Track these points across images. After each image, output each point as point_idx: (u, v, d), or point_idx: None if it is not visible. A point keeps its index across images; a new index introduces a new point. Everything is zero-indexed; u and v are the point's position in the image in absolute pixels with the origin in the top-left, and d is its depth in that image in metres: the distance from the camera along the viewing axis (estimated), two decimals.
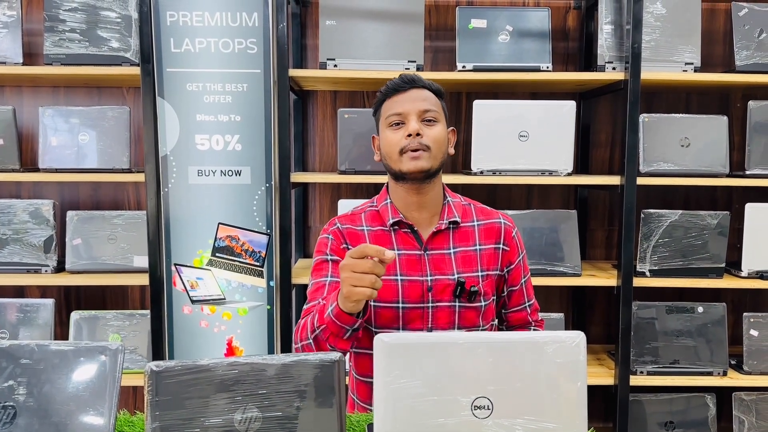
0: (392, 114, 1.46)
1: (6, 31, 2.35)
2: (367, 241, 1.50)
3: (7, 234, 2.41)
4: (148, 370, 1.04)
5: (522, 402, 1.07)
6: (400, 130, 1.44)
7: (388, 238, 1.50)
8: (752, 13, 2.43)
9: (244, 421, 1.07)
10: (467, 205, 1.57)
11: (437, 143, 1.45)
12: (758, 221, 2.44)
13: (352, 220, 1.54)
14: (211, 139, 2.26)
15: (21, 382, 1.08)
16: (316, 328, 1.34)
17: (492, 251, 1.53)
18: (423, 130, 1.43)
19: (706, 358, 2.48)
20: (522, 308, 1.60)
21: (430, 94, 1.48)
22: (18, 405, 1.07)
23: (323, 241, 1.53)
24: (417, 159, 1.42)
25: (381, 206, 1.53)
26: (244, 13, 2.22)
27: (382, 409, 1.07)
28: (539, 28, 2.39)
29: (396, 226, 1.50)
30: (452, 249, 1.51)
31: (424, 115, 1.45)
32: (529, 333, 1.45)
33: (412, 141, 1.42)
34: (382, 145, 1.50)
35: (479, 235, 1.53)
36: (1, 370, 1.08)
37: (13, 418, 1.06)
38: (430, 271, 1.48)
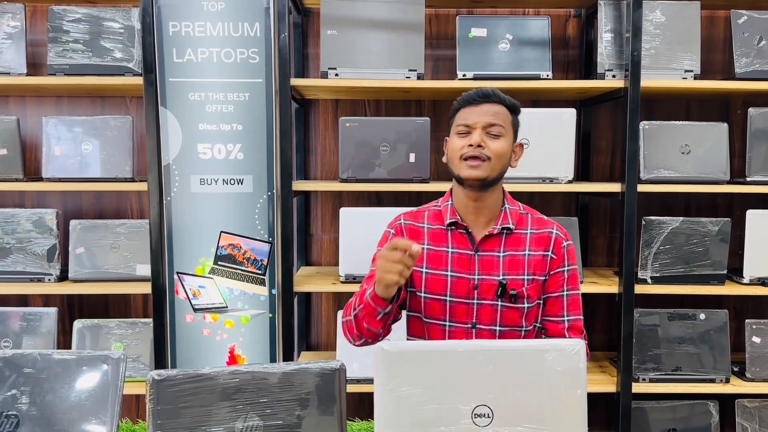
0: (461, 124, 1.58)
1: (10, 42, 2.37)
2: (425, 237, 1.65)
3: (11, 243, 2.42)
4: (150, 379, 1.05)
5: (522, 410, 1.08)
6: (465, 139, 1.57)
7: (445, 237, 1.64)
8: (751, 21, 2.44)
9: (246, 429, 1.08)
10: (525, 214, 1.68)
11: (497, 156, 1.55)
12: (759, 228, 2.44)
13: (416, 218, 1.69)
14: (213, 148, 2.27)
15: (24, 391, 1.09)
16: (356, 307, 1.54)
17: (540, 258, 1.62)
18: (486, 142, 1.55)
19: (708, 365, 2.47)
20: (559, 320, 1.63)
21: (502, 108, 1.58)
22: (21, 414, 1.07)
23: (386, 234, 1.71)
24: (475, 168, 1.54)
25: (443, 206, 1.67)
26: (245, 24, 2.23)
27: (383, 417, 1.07)
28: (539, 36, 2.40)
29: (452, 226, 1.63)
30: (502, 252, 1.61)
31: (490, 129, 1.56)
32: (529, 341, 1.46)
33: (473, 150, 1.54)
34: (448, 149, 1.63)
35: (530, 242, 1.63)
36: (4, 379, 1.09)
37: (16, 427, 1.07)
38: (478, 271, 1.60)
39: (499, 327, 1.58)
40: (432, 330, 1.61)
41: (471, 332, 1.59)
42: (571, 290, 1.65)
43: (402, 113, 2.78)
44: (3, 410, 1.07)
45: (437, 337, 1.61)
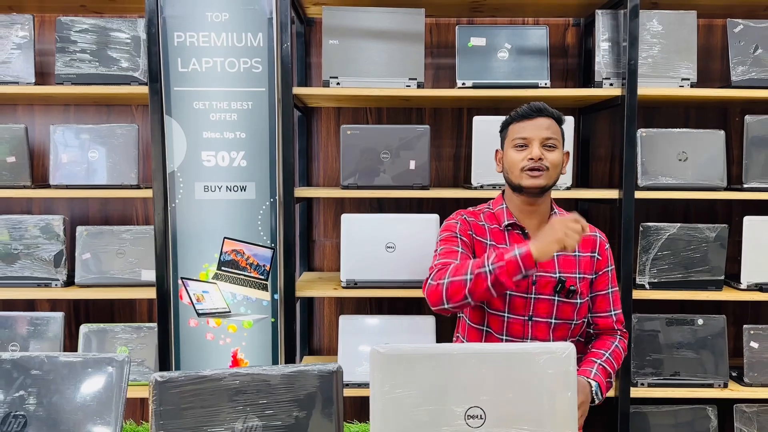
0: (518, 137, 1.73)
1: (19, 52, 2.42)
2: (487, 235, 1.79)
3: (19, 249, 2.46)
4: (153, 381, 1.08)
5: (514, 411, 1.10)
6: (523, 152, 1.72)
7: (503, 236, 1.79)
8: (747, 30, 2.46)
9: (246, 430, 1.11)
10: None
11: (554, 166, 1.73)
12: (756, 234, 2.45)
13: (475, 216, 1.83)
14: (217, 155, 2.31)
15: (31, 393, 1.12)
16: (488, 265, 1.56)
17: (588, 258, 1.80)
18: (544, 154, 1.70)
19: (706, 370, 2.49)
20: (608, 315, 1.84)
21: (552, 122, 1.75)
22: (28, 414, 1.11)
23: (452, 224, 1.81)
24: (536, 178, 1.70)
25: (497, 209, 1.82)
26: (249, 34, 2.27)
27: (378, 418, 1.10)
28: (538, 45, 2.44)
29: (509, 227, 1.79)
30: (556, 252, 1.67)
31: (546, 141, 1.72)
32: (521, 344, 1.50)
33: (534, 163, 1.69)
34: (506, 161, 1.77)
35: (579, 244, 1.69)
36: (12, 381, 1.12)
37: (23, 427, 1.10)
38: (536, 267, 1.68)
39: (554, 320, 1.74)
40: (492, 320, 1.75)
41: (527, 324, 1.74)
42: (614, 287, 1.85)
43: (403, 121, 2.82)
44: (11, 410, 1.11)
45: (496, 327, 1.75)
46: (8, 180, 2.44)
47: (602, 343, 1.83)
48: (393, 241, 2.39)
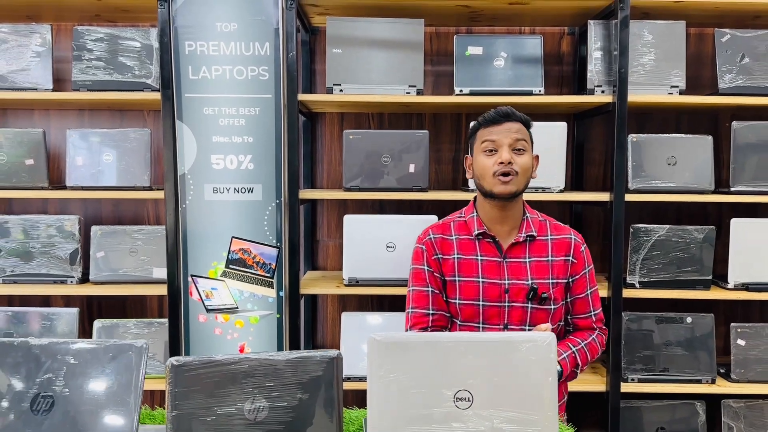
0: (487, 141, 1.72)
1: (38, 59, 2.52)
2: (455, 248, 1.78)
3: (36, 247, 2.57)
4: (169, 364, 1.19)
5: (499, 395, 1.20)
6: (493, 157, 1.71)
7: (473, 246, 1.78)
8: (734, 39, 2.55)
9: (253, 410, 1.21)
10: (543, 221, 1.83)
11: (524, 170, 1.72)
12: (743, 236, 2.54)
13: (443, 230, 1.82)
14: (226, 158, 2.41)
15: (58, 375, 1.22)
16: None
17: (562, 263, 1.79)
18: (513, 158, 1.69)
19: (695, 366, 2.58)
20: (588, 316, 1.85)
21: (520, 125, 1.74)
22: (55, 395, 1.21)
23: (419, 251, 1.82)
24: (507, 183, 1.69)
25: (468, 218, 1.81)
26: (256, 43, 2.38)
27: (375, 399, 1.20)
28: (532, 54, 2.53)
29: (480, 236, 1.77)
30: (528, 258, 1.76)
31: (515, 145, 1.71)
32: (506, 333, 1.60)
33: (504, 167, 1.68)
34: (476, 167, 1.76)
35: (552, 248, 1.78)
36: (40, 365, 1.23)
37: (51, 407, 1.20)
38: (507, 276, 1.75)
39: (529, 327, 1.74)
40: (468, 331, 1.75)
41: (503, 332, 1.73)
42: (592, 288, 1.85)
43: (404, 125, 2.92)
44: (40, 391, 1.21)
45: None
46: (27, 181, 2.54)
47: (581, 333, 1.86)
48: (393, 241, 2.48)
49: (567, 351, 1.77)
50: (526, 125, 1.76)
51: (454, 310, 1.77)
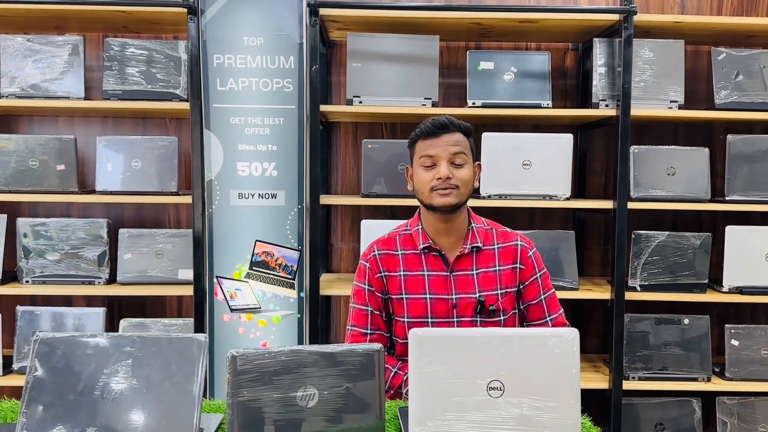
0: (425, 155, 1.66)
1: (70, 69, 2.63)
2: (401, 264, 1.74)
3: (65, 249, 2.66)
4: (229, 355, 1.30)
5: (528, 384, 1.32)
6: (432, 171, 1.65)
7: (419, 261, 1.72)
8: (729, 57, 2.70)
9: (304, 397, 1.32)
10: (489, 229, 1.78)
11: (464, 183, 1.66)
12: (737, 242, 2.68)
13: (388, 245, 1.77)
14: (251, 166, 2.53)
15: (126, 365, 1.33)
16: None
17: (510, 271, 1.74)
18: (452, 172, 1.64)
19: (691, 365, 2.71)
20: (543, 322, 1.77)
21: (460, 136, 1.67)
22: (124, 385, 1.31)
23: (362, 268, 1.77)
24: (446, 196, 1.64)
25: (413, 231, 1.76)
26: (281, 57, 2.49)
27: (416, 389, 1.31)
28: (540, 69, 2.67)
29: (426, 250, 1.72)
30: (475, 270, 1.72)
31: (454, 159, 1.65)
32: (534, 330, 1.68)
33: (442, 182, 1.64)
34: (416, 181, 1.71)
35: (499, 257, 1.74)
36: (110, 356, 1.33)
37: (121, 397, 1.31)
38: (455, 291, 1.70)
39: None
40: None
41: None
42: (547, 292, 1.78)
43: None
44: (110, 380, 1.31)
45: None
46: (57, 186, 2.64)
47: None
48: None
49: None
50: (466, 134, 1.69)
51: (402, 329, 1.71)
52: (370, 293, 1.75)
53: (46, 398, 1.30)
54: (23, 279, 2.66)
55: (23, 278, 2.66)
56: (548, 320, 1.78)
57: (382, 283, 1.75)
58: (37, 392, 1.31)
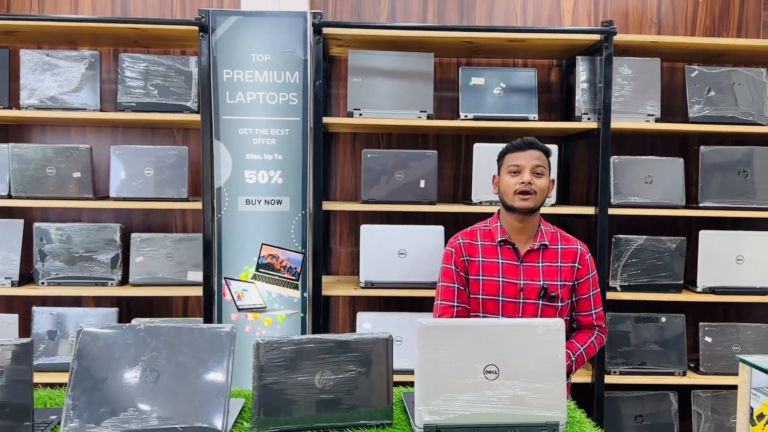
0: (513, 165, 2.03)
1: (87, 83, 2.77)
2: (480, 252, 2.07)
3: (80, 252, 2.79)
4: (255, 343, 1.45)
5: (520, 368, 1.48)
6: (516, 177, 2.01)
7: (495, 251, 2.07)
8: (702, 75, 2.90)
9: (322, 380, 1.48)
10: (555, 232, 2.11)
11: (541, 190, 2.02)
12: (710, 245, 2.87)
13: (470, 236, 2.12)
14: (258, 174, 2.68)
15: (162, 353, 1.47)
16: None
17: (569, 268, 2.07)
18: (533, 180, 1.99)
19: (668, 360, 2.89)
20: (588, 314, 2.12)
21: (541, 154, 2.04)
22: (160, 369, 1.46)
23: (448, 253, 2.11)
24: (526, 200, 1.99)
25: (492, 227, 2.11)
26: (287, 72, 2.66)
27: (421, 372, 1.47)
28: (527, 85, 2.85)
29: (502, 243, 2.06)
30: (540, 263, 2.04)
31: (535, 169, 2.00)
32: (525, 320, 1.88)
33: (524, 186, 1.98)
34: (501, 185, 2.06)
35: (561, 255, 2.07)
36: (146, 344, 1.48)
37: (157, 379, 1.45)
38: (523, 277, 2.03)
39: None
40: None
41: None
42: (594, 290, 2.12)
43: (410, 145, 3.21)
44: (147, 366, 1.45)
45: None
46: (74, 192, 2.77)
47: (581, 336, 2.11)
48: (405, 249, 2.77)
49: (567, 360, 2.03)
50: (546, 154, 2.06)
51: (477, 304, 2.04)
52: (456, 273, 2.08)
53: (90, 383, 1.44)
54: (39, 281, 2.79)
55: (39, 280, 2.79)
56: (593, 313, 2.13)
57: (464, 265, 2.08)
58: (81, 378, 1.45)
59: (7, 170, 2.77)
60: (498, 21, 3.21)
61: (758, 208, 2.87)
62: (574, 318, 2.15)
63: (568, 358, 2.05)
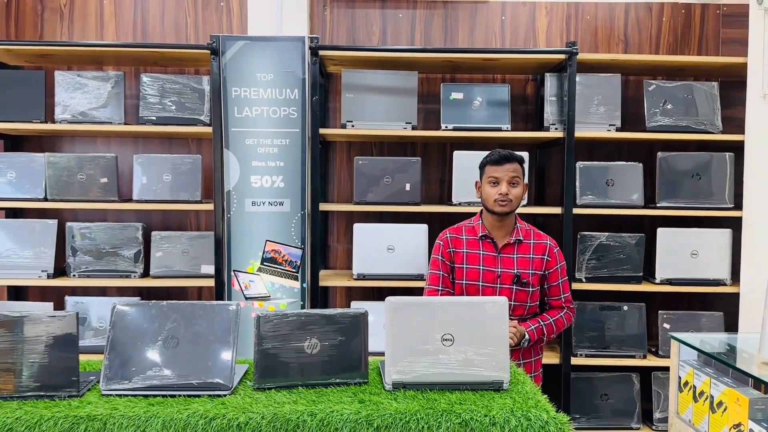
0: (492, 176, 2.33)
1: (112, 99, 3.11)
2: (464, 244, 2.38)
3: (106, 248, 3.14)
4: (255, 316, 1.77)
5: (471, 336, 1.79)
6: (495, 188, 2.32)
7: (477, 244, 2.38)
8: (659, 88, 3.20)
9: (310, 346, 1.79)
10: (529, 229, 2.43)
11: (516, 198, 2.34)
12: (666, 241, 3.17)
13: (457, 231, 2.43)
14: (262, 178, 3.01)
15: (180, 324, 1.79)
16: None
17: (540, 260, 2.39)
18: (509, 190, 2.31)
19: (630, 345, 3.19)
20: (558, 298, 2.45)
21: (516, 165, 2.33)
22: (179, 337, 1.78)
23: (437, 245, 2.42)
24: (504, 206, 2.31)
25: (475, 224, 2.42)
26: (287, 89, 2.99)
27: (391, 340, 1.79)
28: (502, 99, 3.16)
29: (483, 237, 2.38)
30: (515, 255, 2.36)
31: (511, 180, 2.31)
32: (475, 298, 2.19)
33: (502, 197, 2.30)
34: (483, 192, 2.37)
35: (533, 249, 2.38)
36: (168, 317, 1.80)
37: (177, 346, 1.78)
38: (500, 266, 2.34)
39: (514, 302, 2.34)
40: None
41: None
42: (563, 278, 2.44)
43: (399, 152, 3.53)
44: (169, 335, 1.78)
45: None
46: (101, 196, 3.12)
47: (552, 312, 2.43)
48: (393, 245, 3.09)
49: (535, 324, 2.37)
50: (520, 163, 2.36)
51: (461, 289, 2.35)
52: (442, 262, 2.39)
53: (122, 349, 1.77)
54: (70, 273, 3.13)
55: (70, 273, 3.13)
56: (562, 297, 2.45)
57: (450, 256, 2.39)
58: (116, 344, 1.78)
59: (43, 176, 3.11)
60: (479, 39, 3.52)
61: (710, 207, 3.17)
62: (547, 302, 2.46)
63: (536, 323, 2.38)
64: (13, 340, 1.71)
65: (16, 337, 1.71)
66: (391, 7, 3.52)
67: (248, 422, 1.60)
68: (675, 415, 2.32)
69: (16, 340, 1.71)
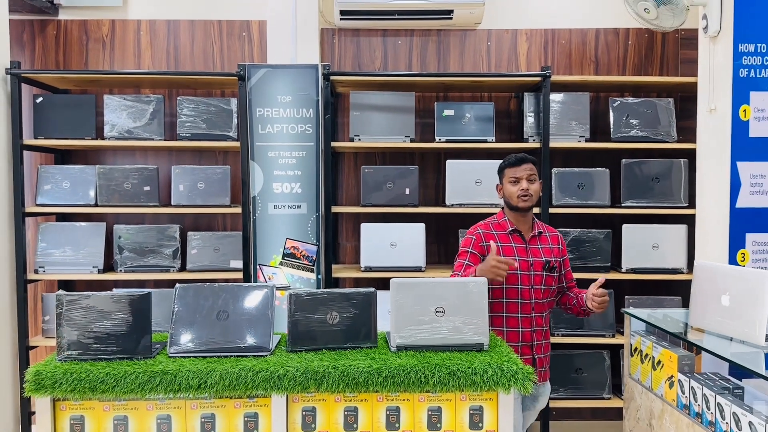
0: (512, 176, 2.57)
1: (155, 120, 3.55)
2: (497, 238, 2.57)
3: (148, 247, 3.57)
4: (288, 294, 2.21)
5: (459, 310, 2.22)
6: (516, 185, 2.56)
7: (507, 237, 2.60)
8: (623, 104, 3.64)
9: (331, 317, 2.23)
10: (542, 223, 2.70)
11: (536, 192, 2.58)
12: (631, 235, 3.60)
13: (486, 227, 2.63)
14: (283, 185, 3.45)
15: (228, 301, 2.23)
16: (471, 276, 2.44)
17: (557, 249, 2.67)
18: (529, 186, 2.55)
19: (600, 325, 3.61)
20: (573, 281, 2.75)
21: (531, 165, 2.59)
22: (229, 311, 2.21)
23: (468, 239, 2.60)
24: (525, 201, 2.56)
25: (501, 221, 2.63)
26: (303, 109, 3.43)
27: (395, 312, 2.22)
28: (487, 115, 3.60)
29: (512, 231, 2.61)
30: (540, 245, 2.62)
31: (529, 178, 2.56)
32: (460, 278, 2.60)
33: (524, 192, 2.54)
34: (505, 192, 2.60)
35: (550, 239, 2.67)
36: (219, 296, 2.23)
37: (227, 318, 2.21)
38: (530, 255, 2.59)
39: (543, 286, 2.59)
40: (509, 291, 2.57)
41: (530, 291, 2.57)
42: (569, 266, 2.75)
43: (400, 161, 3.97)
44: (221, 309, 2.20)
45: (512, 295, 2.56)
46: (144, 201, 3.56)
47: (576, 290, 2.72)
48: (395, 241, 3.52)
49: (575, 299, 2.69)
50: (534, 164, 2.60)
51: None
52: (471, 254, 2.58)
53: (184, 321, 2.20)
54: (118, 269, 3.57)
55: (118, 268, 3.57)
56: (574, 281, 2.74)
57: (483, 249, 2.57)
58: (179, 317, 2.21)
59: (94, 186, 3.55)
60: (468, 62, 3.97)
61: (668, 206, 3.60)
62: (565, 286, 2.73)
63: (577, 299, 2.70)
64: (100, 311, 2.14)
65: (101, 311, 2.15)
66: (391, 35, 3.96)
67: (286, 374, 2.03)
68: (628, 376, 2.76)
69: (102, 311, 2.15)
